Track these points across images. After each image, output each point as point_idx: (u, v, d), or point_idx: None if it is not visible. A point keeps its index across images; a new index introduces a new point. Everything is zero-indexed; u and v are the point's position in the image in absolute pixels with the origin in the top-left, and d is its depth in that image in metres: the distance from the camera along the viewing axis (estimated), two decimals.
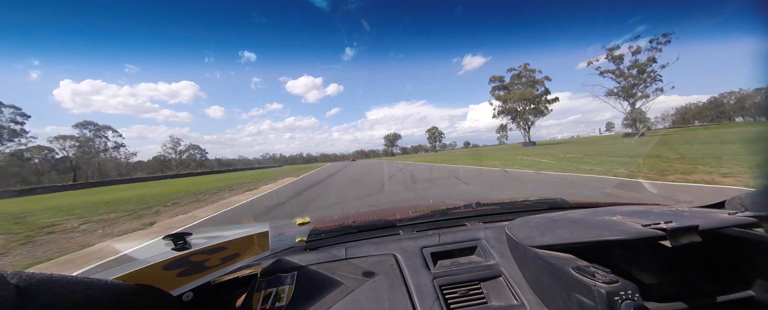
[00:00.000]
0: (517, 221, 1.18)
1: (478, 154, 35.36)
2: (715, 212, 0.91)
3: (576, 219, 0.98)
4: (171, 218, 8.00)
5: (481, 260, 1.12)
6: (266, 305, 0.93)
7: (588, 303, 0.70)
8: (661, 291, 0.86)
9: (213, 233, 1.17)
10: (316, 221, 1.56)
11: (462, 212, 1.49)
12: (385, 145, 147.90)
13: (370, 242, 1.23)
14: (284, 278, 1.03)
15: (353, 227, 1.37)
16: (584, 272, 0.74)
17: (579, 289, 0.73)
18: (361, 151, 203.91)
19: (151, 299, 0.76)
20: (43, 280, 0.51)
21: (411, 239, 1.22)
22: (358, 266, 1.08)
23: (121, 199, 14.54)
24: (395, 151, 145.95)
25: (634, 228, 0.75)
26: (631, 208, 1.09)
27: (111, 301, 0.63)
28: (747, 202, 0.89)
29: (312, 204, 7.76)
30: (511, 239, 1.08)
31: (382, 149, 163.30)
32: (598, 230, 0.82)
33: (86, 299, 0.57)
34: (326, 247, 1.21)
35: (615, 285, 0.68)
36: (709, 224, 0.74)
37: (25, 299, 0.46)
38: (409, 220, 1.43)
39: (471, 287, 0.99)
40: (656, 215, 0.84)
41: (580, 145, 30.06)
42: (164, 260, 0.86)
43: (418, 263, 1.08)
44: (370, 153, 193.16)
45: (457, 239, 1.20)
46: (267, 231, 1.19)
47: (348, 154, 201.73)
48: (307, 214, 3.01)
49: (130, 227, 7.11)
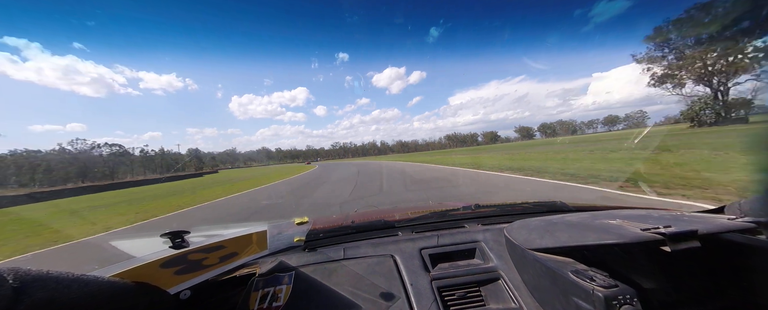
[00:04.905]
0: (516, 223, 1.18)
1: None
2: (714, 217, 0.91)
3: (575, 222, 0.97)
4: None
5: (479, 263, 1.11)
6: (264, 304, 0.92)
7: (586, 307, 0.70)
8: (660, 296, 0.86)
9: (211, 231, 1.17)
10: (315, 221, 1.56)
11: (461, 214, 1.49)
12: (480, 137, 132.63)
13: (368, 242, 1.23)
14: (282, 277, 1.02)
15: (352, 228, 1.36)
16: (583, 276, 0.74)
17: (577, 293, 0.73)
18: (454, 136, 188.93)
19: (148, 296, 0.76)
20: (38, 277, 0.50)
21: (409, 240, 1.22)
22: (356, 267, 1.08)
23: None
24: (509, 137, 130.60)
25: (633, 232, 0.75)
26: (630, 212, 1.09)
27: (107, 298, 0.63)
28: (746, 207, 0.89)
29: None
30: (510, 241, 1.07)
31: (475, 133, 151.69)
32: (597, 234, 0.82)
33: (82, 297, 0.56)
34: (324, 247, 1.21)
35: (613, 289, 0.68)
36: (708, 229, 0.74)
37: (20, 296, 0.46)
38: (408, 221, 1.42)
39: (469, 290, 0.99)
40: (655, 220, 0.84)
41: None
42: (162, 258, 0.86)
43: (417, 265, 1.07)
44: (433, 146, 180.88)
45: (456, 240, 1.20)
46: (265, 230, 1.19)
47: (434, 141, 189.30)
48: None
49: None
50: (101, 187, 37.50)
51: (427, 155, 59.42)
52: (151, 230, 7.00)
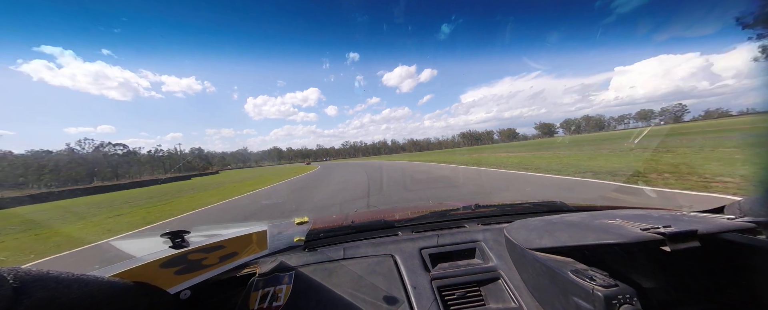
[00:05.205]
0: (516, 223, 1.18)
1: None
2: (714, 217, 0.91)
3: (575, 222, 0.97)
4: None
5: (479, 262, 1.11)
6: (264, 304, 0.92)
7: (586, 306, 0.70)
8: (660, 296, 0.86)
9: (211, 231, 1.17)
10: (315, 221, 1.56)
11: (461, 214, 1.49)
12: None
13: (368, 242, 1.23)
14: (282, 277, 1.02)
15: (351, 228, 1.36)
16: (582, 276, 0.74)
17: (577, 292, 0.73)
18: (469, 133, 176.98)
19: (148, 296, 0.76)
20: (38, 277, 0.50)
21: (409, 240, 1.22)
22: (356, 267, 1.08)
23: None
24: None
25: (633, 232, 0.75)
26: (629, 212, 1.09)
27: (107, 298, 0.63)
28: (746, 207, 0.89)
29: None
30: (510, 241, 1.07)
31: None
32: (597, 234, 0.82)
33: (82, 297, 0.56)
34: (324, 247, 1.21)
35: (613, 289, 0.68)
36: (707, 229, 0.74)
37: (20, 296, 0.46)
38: (408, 221, 1.42)
39: (469, 289, 0.99)
40: (655, 220, 0.84)
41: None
42: (162, 258, 0.86)
43: (417, 264, 1.08)
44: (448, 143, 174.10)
45: (456, 240, 1.20)
46: (265, 230, 1.19)
47: (447, 140, 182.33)
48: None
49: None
50: (86, 190, 34.95)
51: (443, 153, 52.06)
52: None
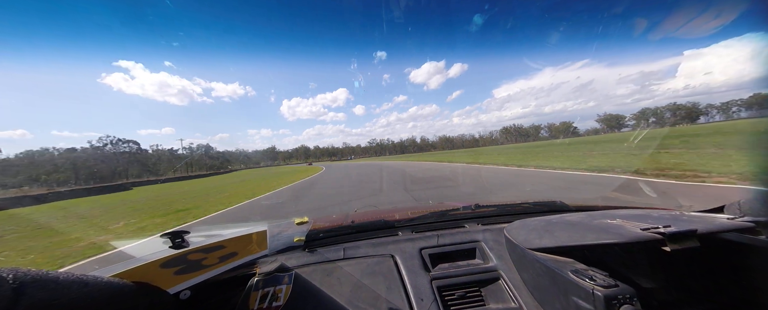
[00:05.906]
0: (516, 223, 1.18)
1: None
2: (713, 216, 0.91)
3: (574, 222, 0.97)
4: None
5: (479, 262, 1.11)
6: (263, 304, 0.92)
7: (586, 306, 0.70)
8: (660, 296, 0.86)
9: (211, 231, 1.17)
10: (315, 221, 1.56)
11: (461, 214, 1.49)
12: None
13: (368, 242, 1.23)
14: (282, 277, 1.02)
15: (351, 228, 1.36)
16: (582, 276, 0.74)
17: (577, 292, 0.73)
18: (512, 128, 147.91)
19: (148, 297, 0.76)
20: (37, 277, 0.50)
21: (409, 240, 1.22)
22: (356, 267, 1.08)
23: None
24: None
25: (633, 232, 0.75)
26: (629, 211, 1.09)
27: (107, 299, 0.63)
28: (746, 207, 0.89)
29: None
30: (510, 241, 1.07)
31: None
32: (597, 234, 0.82)
33: (81, 297, 0.56)
34: (324, 247, 1.21)
35: (613, 289, 0.68)
36: (707, 229, 0.74)
37: (20, 296, 0.46)
38: (408, 221, 1.42)
39: (469, 290, 0.99)
40: (655, 219, 0.84)
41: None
42: (162, 258, 0.86)
43: (417, 265, 1.08)
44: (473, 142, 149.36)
45: (456, 240, 1.20)
46: (265, 230, 1.19)
47: (485, 136, 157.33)
48: None
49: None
50: (82, 190, 33.76)
51: (492, 153, 29.98)
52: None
